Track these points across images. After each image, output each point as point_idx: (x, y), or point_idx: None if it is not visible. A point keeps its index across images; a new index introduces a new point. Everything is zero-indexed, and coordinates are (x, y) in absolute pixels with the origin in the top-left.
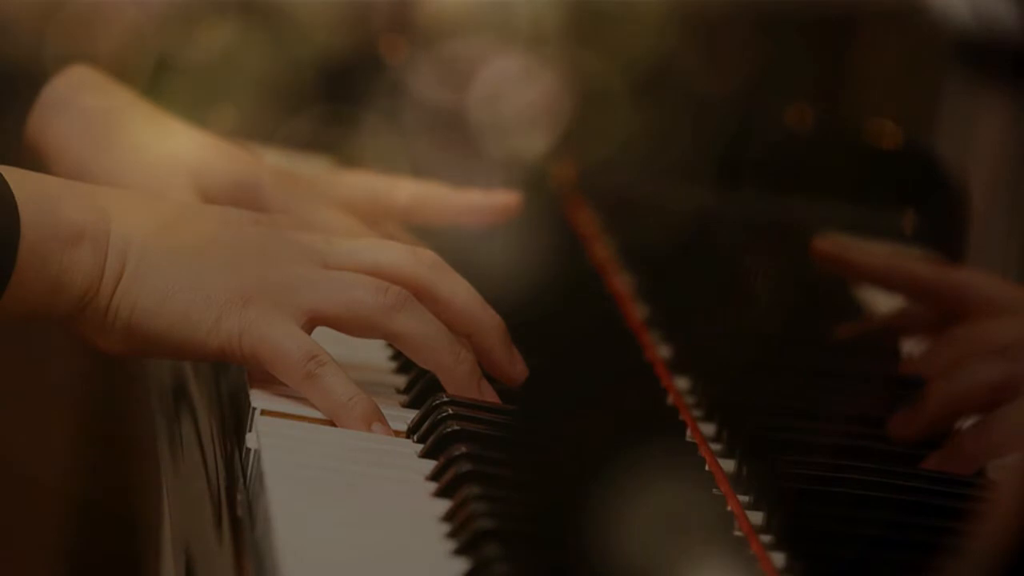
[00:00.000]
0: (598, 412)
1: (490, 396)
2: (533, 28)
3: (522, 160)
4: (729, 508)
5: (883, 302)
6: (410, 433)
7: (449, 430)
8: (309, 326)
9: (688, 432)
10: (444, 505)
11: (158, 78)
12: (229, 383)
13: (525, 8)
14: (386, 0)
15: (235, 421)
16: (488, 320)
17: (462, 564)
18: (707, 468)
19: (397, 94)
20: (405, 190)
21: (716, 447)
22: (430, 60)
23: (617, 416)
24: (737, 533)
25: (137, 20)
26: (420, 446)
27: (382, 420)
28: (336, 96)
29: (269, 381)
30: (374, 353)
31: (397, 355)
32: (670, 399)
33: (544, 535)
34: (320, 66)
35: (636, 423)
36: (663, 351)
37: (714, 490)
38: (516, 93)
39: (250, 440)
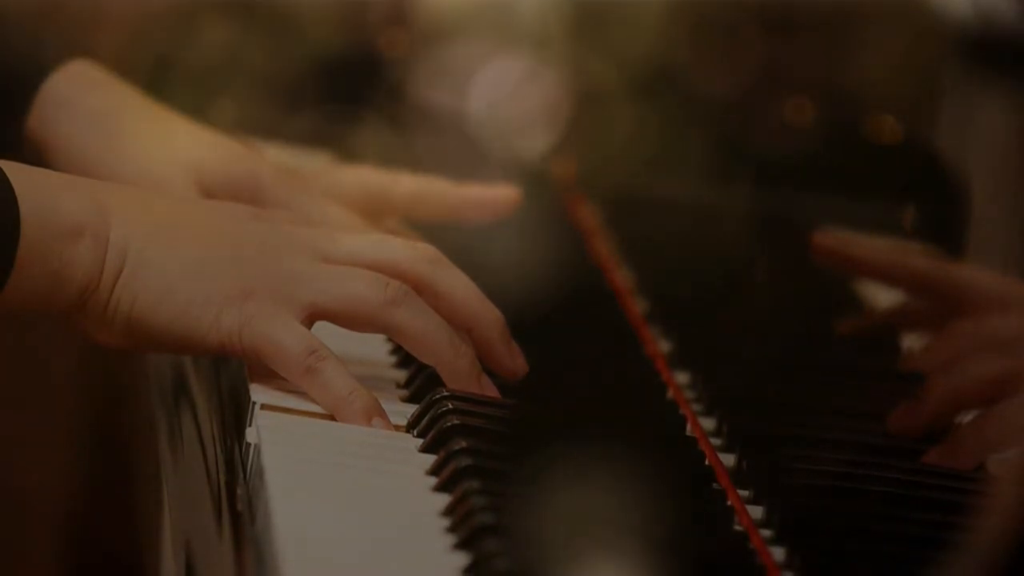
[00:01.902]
0: (598, 407)
1: (490, 391)
2: (532, 23)
3: (522, 156)
4: (729, 502)
5: (883, 297)
6: (410, 428)
7: (449, 425)
8: (309, 321)
9: (688, 426)
10: (444, 499)
11: (158, 74)
12: (229, 378)
13: (524, 4)
14: None
15: (235, 416)
16: (488, 315)
17: (462, 558)
18: (707, 462)
19: (397, 90)
20: (405, 185)
21: (716, 442)
22: (429, 56)
23: (617, 411)
24: (737, 527)
25: (137, 16)
26: (420, 441)
27: (382, 415)
28: (336, 92)
29: (269, 376)
30: (374, 348)
31: (397, 350)
32: (670, 394)
33: (544, 530)
34: (320, 62)
35: (636, 418)
36: (663, 346)
37: (714, 484)
38: (515, 88)
39: (250, 435)
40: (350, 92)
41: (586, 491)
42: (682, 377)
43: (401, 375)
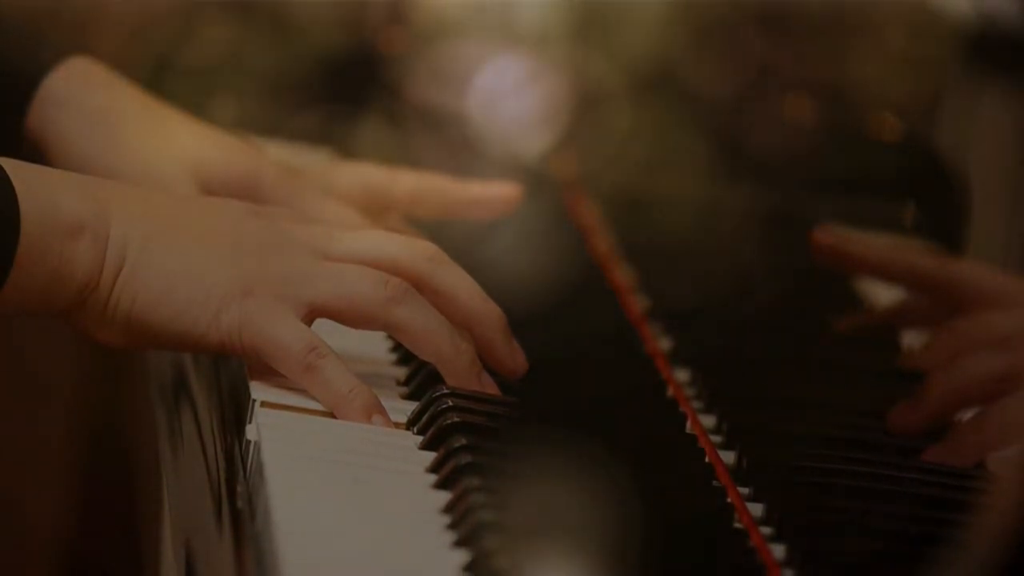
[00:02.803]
0: (598, 404)
1: (490, 388)
2: (532, 23)
3: (521, 153)
4: (729, 500)
5: (883, 295)
6: (410, 425)
7: (449, 422)
8: (309, 319)
9: (688, 424)
10: (444, 497)
11: (159, 72)
12: (229, 375)
13: (524, 4)
14: None
15: (235, 413)
16: (488, 312)
17: (462, 556)
18: (707, 460)
19: (396, 87)
20: (405, 182)
21: (716, 439)
22: (429, 53)
23: (617, 408)
24: (737, 525)
25: (137, 15)
26: (420, 438)
27: (382, 412)
28: (336, 90)
29: (269, 373)
30: (374, 345)
31: (397, 347)
32: (670, 391)
33: (543, 527)
34: (320, 59)
35: (636, 415)
36: (663, 343)
37: (714, 482)
38: (515, 86)
39: (250, 432)
40: (350, 90)
41: (586, 489)
42: (682, 375)
43: (401, 372)
